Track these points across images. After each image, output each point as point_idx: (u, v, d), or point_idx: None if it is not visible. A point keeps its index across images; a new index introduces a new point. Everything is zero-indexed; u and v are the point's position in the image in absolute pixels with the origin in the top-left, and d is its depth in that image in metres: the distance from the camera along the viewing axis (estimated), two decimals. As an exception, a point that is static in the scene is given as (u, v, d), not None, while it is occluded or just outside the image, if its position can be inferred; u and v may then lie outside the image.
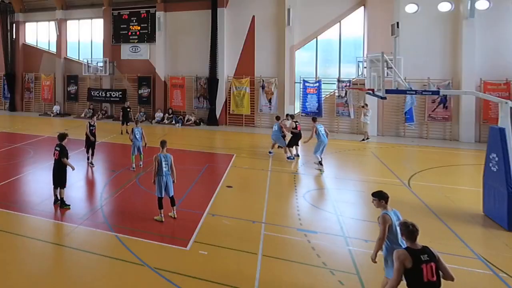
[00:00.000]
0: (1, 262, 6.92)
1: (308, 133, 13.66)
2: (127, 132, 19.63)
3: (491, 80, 17.67)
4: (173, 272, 6.56)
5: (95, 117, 15.54)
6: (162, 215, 8.64)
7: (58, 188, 9.47)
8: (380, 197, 5.75)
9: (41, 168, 13.05)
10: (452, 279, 4.43)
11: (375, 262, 5.70)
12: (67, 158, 9.51)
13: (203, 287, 6.20)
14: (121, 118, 20.05)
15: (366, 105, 18.13)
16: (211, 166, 13.70)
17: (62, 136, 9.64)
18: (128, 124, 20.00)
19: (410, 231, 4.52)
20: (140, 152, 12.91)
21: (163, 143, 8.89)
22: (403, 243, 4.93)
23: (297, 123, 14.87)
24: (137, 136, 12.83)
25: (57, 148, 9.44)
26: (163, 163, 8.56)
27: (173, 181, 8.71)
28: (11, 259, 7.04)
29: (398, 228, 5.16)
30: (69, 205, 9.33)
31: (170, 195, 8.69)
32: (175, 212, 8.79)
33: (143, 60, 25.11)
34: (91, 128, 13.41)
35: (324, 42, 21.36)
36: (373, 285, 6.29)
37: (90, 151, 13.39)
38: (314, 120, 13.85)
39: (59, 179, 9.42)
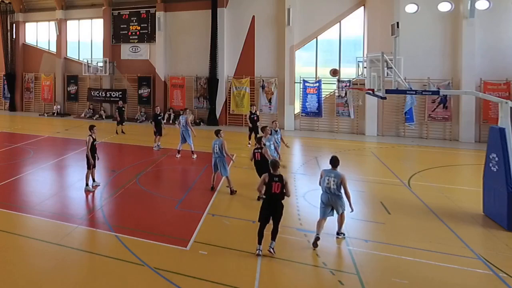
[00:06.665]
0: (1, 262, 6.93)
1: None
2: (122, 132, 19.61)
3: (491, 80, 17.67)
4: (173, 272, 6.57)
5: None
6: None
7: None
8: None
9: (41, 168, 13.05)
10: (288, 195, 7.11)
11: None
12: None
13: (203, 287, 6.20)
14: (118, 118, 19.74)
15: None
16: (211, 166, 13.64)
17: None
18: (124, 124, 19.93)
19: (273, 164, 7.18)
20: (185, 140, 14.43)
21: (264, 129, 11.97)
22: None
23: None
24: (181, 123, 14.60)
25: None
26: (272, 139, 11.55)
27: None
28: (11, 259, 7.05)
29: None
30: None
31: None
32: None
33: (143, 60, 25.10)
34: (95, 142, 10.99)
35: (324, 42, 21.35)
36: (373, 285, 6.29)
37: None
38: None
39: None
